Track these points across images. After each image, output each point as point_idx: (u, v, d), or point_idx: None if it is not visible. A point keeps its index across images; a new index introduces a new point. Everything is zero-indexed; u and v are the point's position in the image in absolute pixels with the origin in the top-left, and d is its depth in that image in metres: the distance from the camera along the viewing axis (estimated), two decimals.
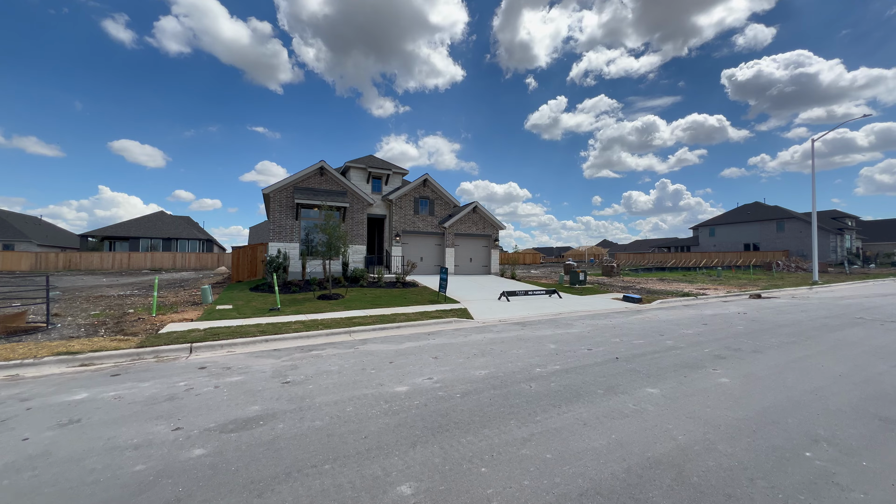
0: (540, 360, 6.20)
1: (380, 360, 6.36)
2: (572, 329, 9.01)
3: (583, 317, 11.00)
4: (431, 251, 21.75)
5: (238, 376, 5.49)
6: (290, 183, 17.96)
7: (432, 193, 21.85)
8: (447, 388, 4.85)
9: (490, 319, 10.51)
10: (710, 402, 4.33)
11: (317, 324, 9.16)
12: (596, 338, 7.95)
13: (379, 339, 8.13)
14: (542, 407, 4.18)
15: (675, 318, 10.72)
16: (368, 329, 8.90)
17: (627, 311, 12.00)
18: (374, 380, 5.22)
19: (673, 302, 14.35)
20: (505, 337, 8.16)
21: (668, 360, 6.13)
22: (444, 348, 7.16)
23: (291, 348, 7.33)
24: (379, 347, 7.29)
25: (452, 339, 7.95)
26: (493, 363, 6.02)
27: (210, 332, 8.07)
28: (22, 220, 48.14)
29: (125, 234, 45.62)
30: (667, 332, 8.46)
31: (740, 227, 51.17)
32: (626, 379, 5.14)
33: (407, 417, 3.93)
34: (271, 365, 6.12)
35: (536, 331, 8.84)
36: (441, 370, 5.66)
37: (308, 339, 8.01)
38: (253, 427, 3.74)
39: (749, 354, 6.50)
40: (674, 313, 11.59)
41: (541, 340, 7.74)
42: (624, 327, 9.17)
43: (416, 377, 5.32)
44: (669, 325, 9.40)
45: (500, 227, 23.34)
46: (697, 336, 8.08)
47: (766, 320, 10.21)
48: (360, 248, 19.38)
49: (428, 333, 8.67)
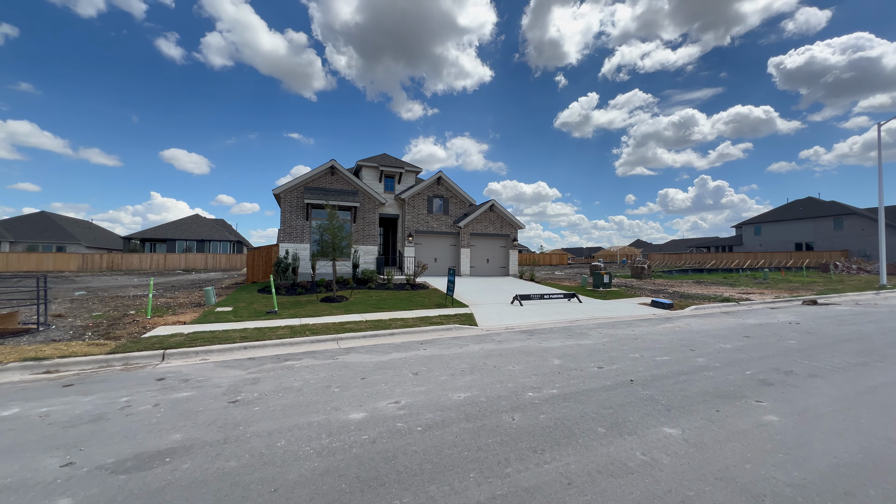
0: (537, 380, 5.21)
1: (353, 374, 5.60)
2: (586, 340, 7.89)
3: (601, 325, 9.78)
4: (446, 252, 20.91)
5: (189, 391, 4.90)
6: (301, 183, 17.72)
7: (447, 192, 21.01)
8: (411, 416, 4.00)
9: (496, 326, 9.54)
10: (751, 454, 3.22)
11: (306, 329, 8.56)
12: (611, 352, 6.81)
13: (366, 347, 7.40)
14: (520, 451, 3.24)
15: (711, 328, 9.29)
16: (359, 336, 8.20)
17: (654, 319, 10.63)
18: (333, 401, 4.46)
19: (709, 308, 12.73)
20: (506, 349, 7.19)
21: (696, 385, 4.96)
22: (432, 361, 6.31)
23: (267, 357, 6.73)
24: (360, 358, 6.54)
25: (446, 350, 7.08)
26: (479, 383, 5.10)
27: (190, 338, 7.65)
28: (74, 224, 51.82)
29: (163, 237, 47.98)
30: (699, 347, 7.17)
31: (790, 225, 46.77)
32: (638, 412, 4.08)
33: (342, 460, 3.12)
34: (233, 378, 5.50)
35: (544, 341, 7.80)
36: (416, 390, 4.81)
37: (289, 347, 7.40)
38: (153, 466, 3.06)
39: (804, 380, 5.19)
40: (709, 322, 10.12)
41: (545, 354, 6.71)
42: (647, 339, 7.93)
43: (381, 399, 4.51)
44: (703, 338, 8.05)
45: (519, 226, 22.14)
46: (737, 352, 6.75)
47: (824, 332, 8.60)
48: (371, 248, 18.87)
49: (421, 342, 7.84)
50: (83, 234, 50.59)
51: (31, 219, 47.69)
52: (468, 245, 20.92)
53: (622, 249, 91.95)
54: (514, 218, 21.93)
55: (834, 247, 41.43)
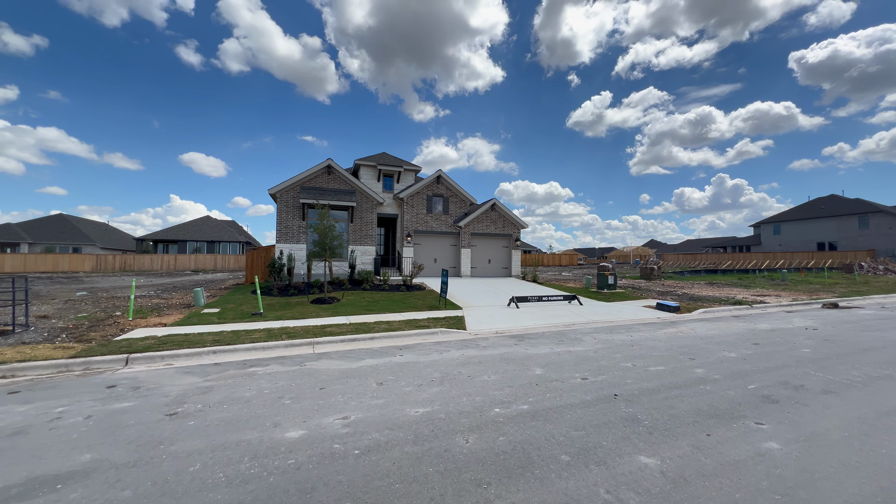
0: (510, 392, 4.70)
1: (314, 383, 5.19)
2: (577, 346, 7.32)
3: (598, 329, 9.18)
4: (446, 252, 20.43)
5: (131, 401, 4.55)
6: (297, 182, 17.50)
7: (446, 191, 20.54)
8: (354, 436, 3.55)
9: (485, 330, 9.03)
10: (740, 494, 2.66)
11: (283, 333, 8.21)
12: (601, 360, 6.24)
13: (341, 353, 6.99)
14: (460, 485, 2.76)
15: (718, 333, 8.60)
16: (337, 340, 7.80)
17: (657, 323, 9.96)
18: (278, 416, 4.04)
19: (719, 311, 11.94)
20: (488, 355, 6.68)
21: (689, 401, 4.38)
22: (404, 369, 5.85)
23: (234, 362, 6.38)
24: (330, 365, 6.13)
25: (423, 356, 6.62)
26: (445, 395, 4.62)
27: (162, 341, 7.37)
28: (90, 226, 53.15)
29: (174, 238, 48.75)
30: (700, 356, 6.53)
31: (812, 224, 44.79)
32: (614, 435, 3.54)
33: (252, 492, 2.69)
34: (186, 386, 5.15)
35: (532, 347, 7.26)
36: (372, 403, 4.36)
37: (261, 352, 7.05)
38: (38, 494, 2.68)
39: (816, 397, 4.55)
40: (717, 327, 9.40)
41: (529, 362, 6.19)
42: (645, 346, 7.32)
43: (330, 414, 4.07)
44: (706, 345, 7.39)
45: (522, 226, 21.51)
46: (742, 362, 6.10)
47: (844, 340, 7.83)
48: (369, 248, 18.53)
49: (401, 347, 7.40)
50: (99, 235, 51.83)
51: (49, 221, 49.09)
52: (469, 245, 20.40)
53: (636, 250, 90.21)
54: (516, 217, 21.32)
55: (859, 246, 39.46)
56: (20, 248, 45.05)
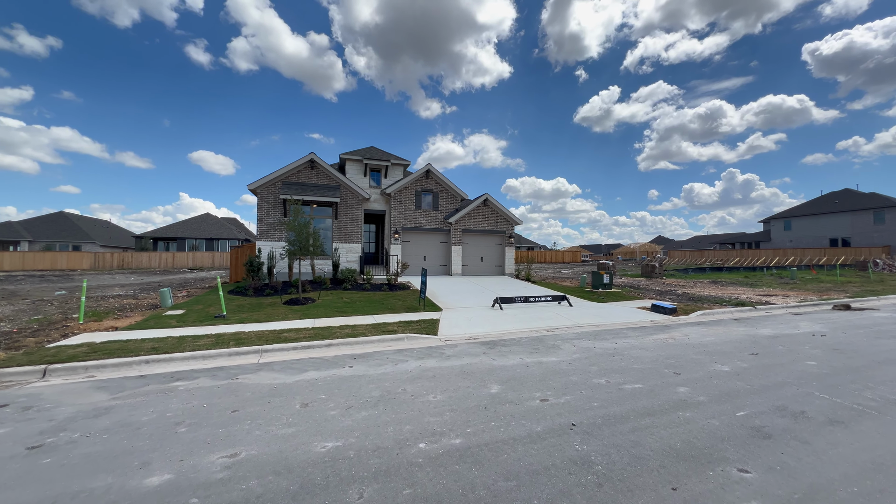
0: (450, 419, 3.96)
1: (230, 404, 4.49)
2: (551, 356, 6.54)
3: (581, 335, 8.37)
4: (436, 250, 19.67)
5: (6, 427, 3.89)
6: (278, 177, 16.84)
7: (436, 186, 19.73)
8: (227, 484, 2.83)
9: (457, 336, 8.29)
10: None
11: (233, 339, 7.55)
12: (573, 375, 5.46)
13: (287, 362, 6.30)
14: None
15: (714, 340, 7.74)
16: (289, 348, 7.11)
17: (648, 328, 9.12)
18: (155, 451, 3.35)
19: (719, 314, 11.05)
20: (447, 367, 5.94)
21: (660, 434, 3.59)
22: (343, 385, 5.14)
23: (161, 375, 5.72)
24: (263, 379, 5.44)
25: (373, 369, 5.90)
26: (370, 423, 3.89)
27: (95, 349, 6.74)
28: (91, 224, 53.28)
29: (173, 236, 48.64)
30: (687, 369, 5.71)
31: (825, 219, 43.17)
32: (552, 487, 2.78)
33: None
34: (85, 405, 4.49)
35: (500, 357, 6.49)
36: (279, 434, 3.65)
37: (199, 362, 6.38)
38: None
39: (819, 430, 3.73)
40: (713, 332, 8.54)
41: (488, 377, 5.43)
42: (627, 356, 6.51)
43: (219, 449, 3.36)
44: (698, 355, 6.56)
45: (516, 221, 20.65)
46: (735, 379, 5.27)
47: (856, 349, 6.94)
48: (354, 246, 17.85)
49: (354, 356, 6.68)
50: (99, 233, 51.94)
51: (49, 218, 49.24)
52: (460, 242, 19.61)
53: (642, 246, 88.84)
54: (509, 213, 20.45)
55: (874, 243, 37.87)
56: (21, 245, 45.24)
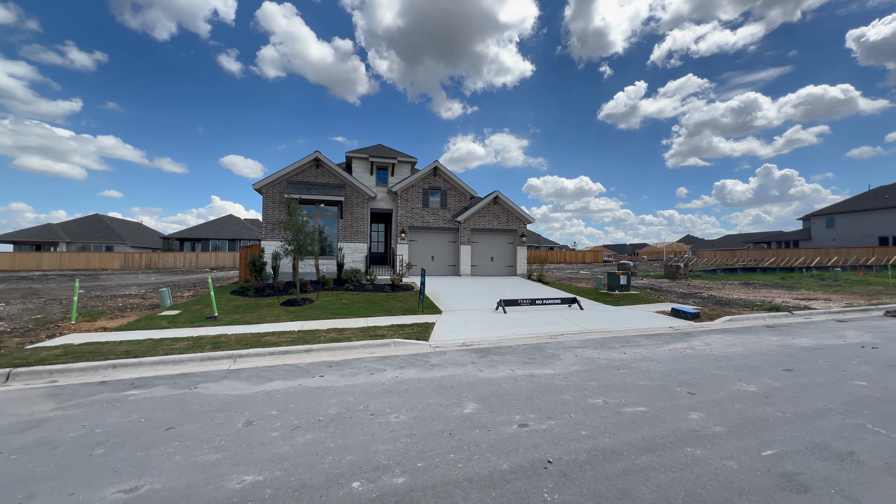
0: (403, 447, 3.33)
1: (169, 419, 4.04)
2: (546, 368, 5.79)
3: (588, 342, 7.55)
4: (444, 249, 19.05)
5: None
6: (283, 177, 16.69)
7: (444, 183, 19.10)
8: None
9: (450, 342, 7.64)
10: None
11: (212, 342, 7.19)
12: (566, 392, 4.72)
13: (255, 370, 5.85)
14: None
15: (740, 351, 6.76)
16: (265, 353, 6.68)
17: (666, 335, 8.17)
18: (48, 481, 2.90)
19: (749, 319, 9.90)
20: (425, 379, 5.31)
21: (657, 481, 2.83)
22: (302, 399, 4.61)
23: (121, 381, 5.38)
24: (221, 389, 4.99)
25: (343, 379, 5.35)
26: (308, 451, 3.32)
27: (69, 351, 6.52)
28: (123, 225, 55.84)
29: (198, 237, 50.28)
30: (705, 388, 4.85)
31: (873, 216, 39.69)
32: None
33: None
34: (21, 416, 4.15)
35: (488, 367, 5.81)
36: (199, 461, 3.14)
37: (168, 367, 6.03)
38: None
39: (874, 481, 2.86)
40: (741, 342, 7.52)
41: (467, 392, 4.76)
42: (635, 370, 5.68)
43: (123, 480, 2.88)
44: (720, 370, 5.65)
45: (528, 220, 19.74)
46: (763, 402, 4.38)
47: None
48: (360, 245, 17.48)
49: (330, 364, 6.16)
50: (130, 234, 54.35)
51: (85, 221, 51.91)
52: (469, 242, 18.91)
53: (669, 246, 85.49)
54: (521, 211, 19.57)
55: None
56: (59, 246, 47.84)
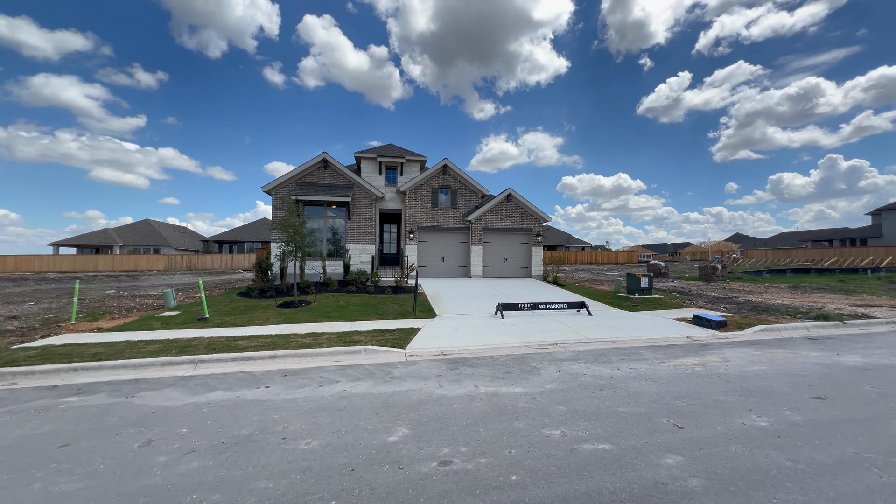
0: (282, 488, 2.78)
1: (73, 434, 3.75)
2: (515, 386, 5.03)
3: (581, 354, 6.65)
4: (455, 250, 18.40)
5: None
6: (292, 178, 16.78)
7: (454, 182, 18.44)
8: None
9: (426, 351, 7.03)
10: None
11: (183, 346, 7.04)
12: (521, 419, 3.96)
13: (209, 377, 5.55)
14: None
15: (763, 370, 5.61)
16: (227, 359, 6.41)
17: (677, 347, 7.07)
18: None
19: (788, 330, 8.47)
20: (373, 395, 4.74)
21: None
22: (229, 413, 4.19)
23: (69, 386, 5.26)
24: (156, 400, 4.69)
25: (288, 392, 4.90)
26: (174, 487, 2.85)
27: (43, 353, 6.59)
28: (169, 229, 59.89)
29: (234, 239, 52.91)
30: (698, 419, 3.89)
31: None
32: None
33: None
34: None
35: (449, 384, 5.14)
36: (58, 491, 2.75)
37: (129, 371, 5.89)
38: None
39: None
40: (769, 357, 6.30)
41: (406, 415, 4.13)
42: (621, 391, 4.78)
43: None
44: (727, 395, 4.62)
45: (544, 218, 18.63)
46: (771, 444, 3.39)
47: None
48: (367, 247, 17.24)
49: (286, 373, 5.75)
50: (176, 238, 58.18)
51: (136, 226, 56.19)
52: (480, 242, 18.13)
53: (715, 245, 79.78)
54: (536, 209, 18.50)
55: None
56: (114, 250, 52.05)
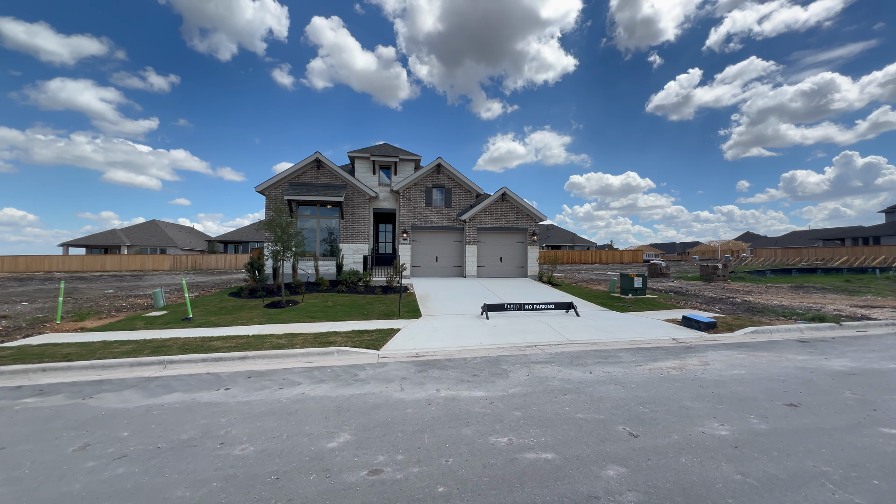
0: (199, 498, 2.66)
1: (14, 437, 3.69)
2: (478, 390, 4.87)
3: (556, 357, 6.46)
4: (449, 250, 18.24)
5: None
6: (285, 178, 16.79)
7: (448, 181, 18.28)
8: None
9: (399, 353, 6.90)
10: None
11: (157, 346, 7.01)
12: (472, 424, 3.81)
13: (170, 378, 5.50)
14: None
15: (742, 375, 5.37)
16: (197, 359, 6.36)
17: (659, 350, 6.84)
18: None
19: (780, 332, 8.18)
20: (330, 398, 4.63)
21: None
22: (178, 416, 4.11)
23: (31, 386, 5.25)
24: (112, 402, 4.64)
25: (246, 395, 4.81)
26: (95, 490, 2.76)
27: (15, 353, 6.60)
28: (175, 230, 60.65)
29: (238, 239, 53.38)
30: (656, 427, 3.70)
31: None
32: None
33: None
34: None
35: (412, 387, 5.01)
36: None
37: (95, 372, 5.87)
38: None
39: None
40: (752, 361, 6.05)
41: (354, 420, 4.01)
42: (586, 395, 4.59)
43: None
44: (695, 401, 4.41)
45: (539, 217, 18.39)
46: (725, 454, 3.19)
47: None
48: (361, 246, 17.17)
49: (250, 375, 5.66)
50: (182, 238, 58.90)
51: (143, 226, 56.99)
52: (475, 241, 17.95)
53: (725, 244, 78.56)
54: (532, 208, 18.27)
55: None
56: (122, 250, 52.87)
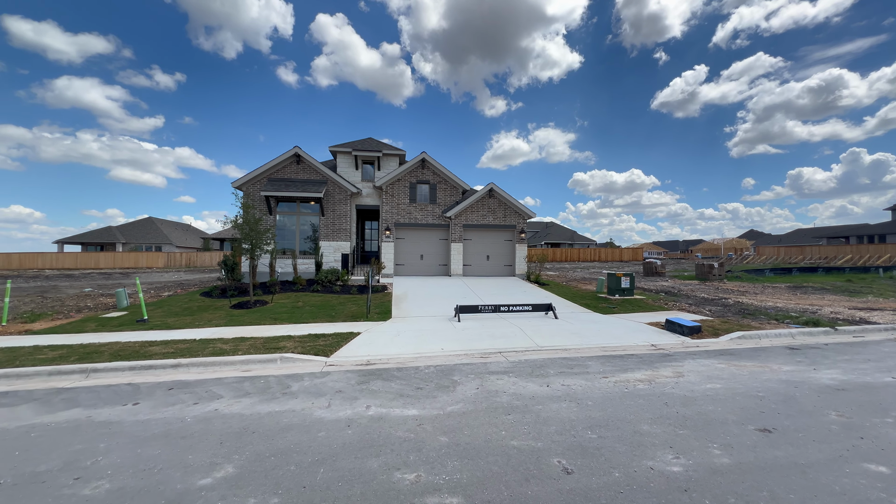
0: None
1: None
2: (411, 408, 4.30)
3: (518, 366, 5.87)
4: (434, 247, 17.64)
5: None
6: (263, 174, 16.23)
7: (433, 176, 17.66)
8: None
9: (350, 360, 6.34)
10: None
11: (86, 353, 6.48)
12: (378, 458, 3.23)
13: (79, 391, 4.98)
14: None
15: (718, 389, 4.77)
16: (125, 367, 5.83)
17: (633, 358, 6.24)
18: None
19: (769, 337, 7.55)
20: (243, 416, 4.07)
21: None
22: (65, 437, 3.58)
23: None
24: (2, 420, 4.10)
25: (152, 412, 4.26)
26: None
27: None
28: (171, 227, 60.35)
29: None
30: (598, 462, 3.11)
31: None
32: None
33: None
34: None
35: (342, 404, 4.44)
36: None
37: (10, 382, 5.33)
38: None
39: None
40: (732, 372, 5.44)
41: (253, 446, 3.44)
42: (531, 417, 4.01)
43: None
44: (654, 424, 3.82)
45: (528, 215, 17.74)
46: (673, 496, 2.61)
47: None
48: (342, 244, 16.61)
49: (171, 387, 5.12)
50: (178, 235, 58.59)
51: (139, 224, 56.71)
52: (461, 239, 17.34)
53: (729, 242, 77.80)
54: (520, 205, 17.62)
55: None
56: (117, 247, 52.62)
